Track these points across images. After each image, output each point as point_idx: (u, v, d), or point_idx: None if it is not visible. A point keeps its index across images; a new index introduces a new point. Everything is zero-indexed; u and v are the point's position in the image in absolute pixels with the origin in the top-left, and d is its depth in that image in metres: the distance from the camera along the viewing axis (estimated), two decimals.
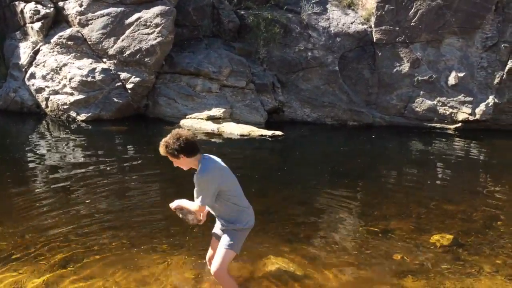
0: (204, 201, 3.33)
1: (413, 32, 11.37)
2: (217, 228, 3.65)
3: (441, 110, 11.24)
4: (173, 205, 3.54)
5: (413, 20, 11.32)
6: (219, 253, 3.45)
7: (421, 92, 11.38)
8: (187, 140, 3.28)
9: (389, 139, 10.59)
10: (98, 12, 10.61)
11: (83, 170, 6.87)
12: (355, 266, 4.15)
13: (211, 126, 9.81)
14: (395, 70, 11.51)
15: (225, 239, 3.46)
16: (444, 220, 5.39)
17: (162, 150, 3.31)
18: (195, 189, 3.34)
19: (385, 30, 11.49)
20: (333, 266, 4.14)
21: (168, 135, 3.31)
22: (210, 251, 3.77)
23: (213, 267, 3.44)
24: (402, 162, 8.79)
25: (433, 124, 11.32)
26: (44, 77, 10.48)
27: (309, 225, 5.16)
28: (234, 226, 3.46)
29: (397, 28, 11.43)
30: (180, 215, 3.54)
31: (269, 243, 4.56)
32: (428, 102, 11.31)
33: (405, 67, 11.46)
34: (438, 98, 11.26)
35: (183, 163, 3.34)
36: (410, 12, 11.32)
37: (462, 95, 11.12)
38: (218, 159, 3.50)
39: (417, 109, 11.39)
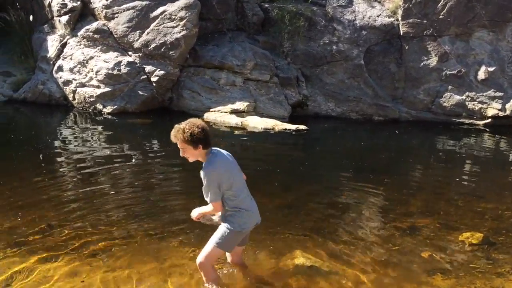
0: (213, 198, 3.26)
1: (441, 25, 11.10)
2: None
3: (470, 105, 10.96)
4: (194, 216, 3.46)
5: (442, 13, 11.05)
6: (207, 246, 3.41)
7: (449, 87, 11.12)
8: (208, 132, 3.24)
9: (415, 134, 10.39)
10: (124, 6, 10.69)
11: (108, 161, 6.96)
12: (382, 262, 4.09)
13: (234, 120, 9.80)
14: (422, 64, 11.27)
15: (216, 235, 3.40)
16: (474, 218, 5.27)
17: (179, 137, 3.18)
18: (203, 187, 3.28)
19: (413, 23, 11.25)
20: (359, 262, 4.08)
21: (187, 123, 3.20)
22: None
23: (199, 257, 3.42)
24: (429, 158, 8.63)
25: (461, 120, 11.04)
26: (71, 70, 10.63)
27: (334, 220, 5.11)
28: (228, 226, 3.37)
29: (425, 21, 11.18)
30: (207, 222, 3.52)
31: (294, 237, 4.53)
32: (457, 97, 11.04)
33: (433, 61, 11.21)
34: (467, 93, 10.98)
35: (196, 154, 3.26)
36: (439, 5, 11.05)
37: (492, 90, 10.82)
38: (226, 153, 3.44)
39: (445, 104, 11.14)
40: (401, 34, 11.38)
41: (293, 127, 9.40)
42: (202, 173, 3.25)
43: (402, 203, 5.71)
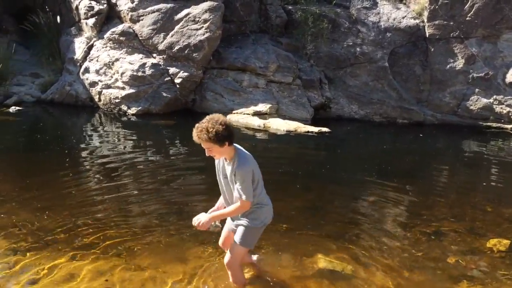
0: (249, 195, 3.16)
1: (468, 27, 10.90)
2: (229, 220, 3.56)
3: (497, 108, 10.72)
4: (204, 222, 3.27)
5: (469, 15, 10.85)
6: (232, 247, 3.41)
7: (476, 90, 10.90)
8: (231, 126, 3.15)
9: (440, 138, 10.22)
10: (149, 8, 10.83)
11: (132, 161, 7.06)
12: (406, 267, 4.02)
13: (257, 122, 9.81)
14: (448, 66, 11.08)
15: (238, 234, 3.36)
16: (501, 224, 5.14)
17: (203, 137, 3.06)
18: (237, 185, 3.16)
19: (439, 25, 11.07)
20: (382, 266, 4.02)
21: (209, 121, 3.08)
22: (222, 237, 3.71)
23: (226, 257, 3.44)
24: (454, 162, 8.46)
25: (488, 123, 10.80)
26: (97, 72, 10.83)
27: (356, 223, 5.05)
28: (249, 223, 3.32)
29: (451, 23, 10.99)
30: (215, 229, 3.45)
31: (316, 240, 4.49)
32: (484, 100, 10.81)
33: (460, 63, 11.01)
34: (494, 96, 10.74)
35: (222, 151, 3.14)
36: (466, 6, 10.85)
37: None
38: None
39: (471, 107, 10.91)
40: (427, 36, 11.21)
41: (315, 129, 9.36)
42: (238, 170, 3.13)
43: (427, 208, 5.61)
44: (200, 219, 3.30)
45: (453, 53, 11.07)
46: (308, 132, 9.31)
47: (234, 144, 3.24)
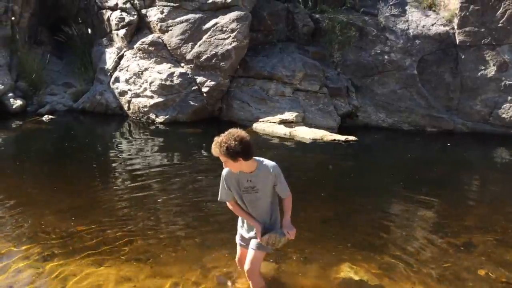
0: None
1: (500, 33, 10.64)
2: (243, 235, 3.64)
3: None
4: (294, 232, 3.49)
5: (501, 21, 10.59)
6: (250, 254, 3.47)
7: (509, 98, 10.59)
8: (247, 142, 3.22)
9: (471, 147, 9.97)
10: (178, 19, 11.02)
11: (159, 168, 7.16)
12: (435, 279, 3.93)
13: (283, 130, 9.81)
14: (479, 73, 10.82)
15: (256, 241, 3.45)
16: None
17: (217, 151, 3.25)
18: (278, 185, 3.38)
19: (470, 32, 10.85)
20: (410, 278, 3.94)
21: (225, 136, 3.23)
22: (238, 255, 3.79)
23: (246, 264, 3.49)
24: (485, 172, 8.23)
25: None
26: (127, 81, 11.07)
27: (384, 233, 4.98)
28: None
29: (482, 30, 10.76)
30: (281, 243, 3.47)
31: (341, 250, 4.45)
32: None
33: (491, 70, 10.74)
34: None
35: (237, 166, 3.27)
36: (498, 13, 10.60)
37: None
38: None
39: (504, 115, 10.62)
40: (457, 43, 11.00)
41: (342, 138, 9.28)
42: (275, 171, 3.36)
43: (456, 218, 5.48)
44: (288, 232, 3.44)
45: (484, 60, 10.82)
46: (334, 140, 9.25)
47: (256, 158, 3.36)
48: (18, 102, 10.55)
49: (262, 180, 3.34)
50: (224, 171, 3.45)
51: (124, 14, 11.43)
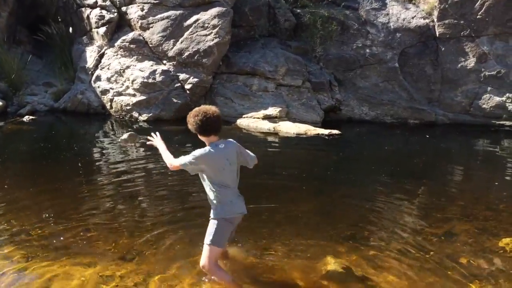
0: (181, 161, 3.51)
1: (479, 25, 10.80)
2: None
3: (510, 106, 10.58)
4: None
5: (480, 13, 10.75)
6: (203, 249, 3.47)
7: (489, 88, 10.78)
8: (204, 118, 3.41)
9: (452, 137, 10.12)
10: (159, 16, 10.95)
11: (144, 167, 7.11)
12: (417, 268, 3.98)
13: (267, 125, 9.83)
14: (459, 65, 10.98)
15: (206, 233, 3.48)
16: None
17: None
18: (247, 153, 3.62)
19: (449, 24, 10.99)
20: (393, 268, 3.99)
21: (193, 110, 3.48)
22: None
23: (201, 261, 3.48)
24: (467, 162, 8.37)
25: (501, 122, 10.67)
26: (108, 80, 10.97)
27: (366, 225, 5.02)
28: (214, 215, 3.51)
29: (462, 22, 10.91)
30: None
31: (326, 242, 4.48)
32: (496, 99, 10.68)
33: (471, 62, 10.91)
34: (507, 94, 10.61)
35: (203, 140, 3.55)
36: (476, 5, 10.76)
37: None
38: (225, 146, 3.51)
39: (484, 106, 10.80)
40: (437, 35, 11.14)
41: (326, 132, 9.34)
42: (237, 144, 3.67)
43: (438, 208, 5.56)
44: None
45: (464, 52, 10.98)
46: (318, 134, 9.30)
47: (221, 142, 3.53)
48: None
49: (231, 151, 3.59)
50: None
51: (104, 12, 11.32)
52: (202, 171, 3.49)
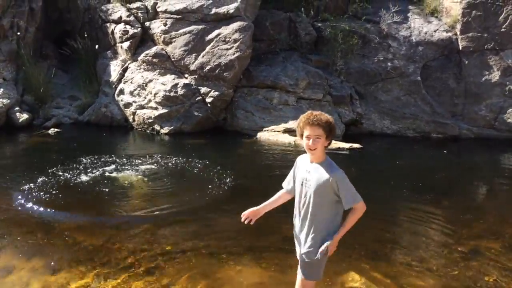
0: (359, 196, 2.95)
1: (503, 38, 10.65)
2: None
3: None
4: (334, 244, 3.03)
5: (504, 26, 10.61)
6: (297, 282, 3.07)
7: None
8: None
9: (477, 152, 9.92)
10: (181, 30, 11.11)
11: (165, 179, 7.16)
12: (442, 287, 3.90)
13: (287, 139, 9.82)
14: (484, 79, 10.81)
15: (315, 266, 3.01)
16: None
17: (322, 118, 2.95)
18: (343, 193, 2.97)
19: (472, 37, 10.87)
20: (417, 286, 3.92)
21: (318, 113, 2.98)
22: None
23: None
24: (492, 178, 8.18)
25: None
26: (131, 93, 11.15)
27: (390, 242, 4.95)
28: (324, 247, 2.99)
29: (485, 35, 10.77)
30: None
31: (349, 259, 4.42)
32: None
33: (495, 75, 10.73)
34: None
35: (322, 148, 2.94)
36: (500, 18, 10.62)
37: None
38: None
39: (509, 120, 10.58)
40: (460, 48, 11.01)
41: (346, 145, 9.27)
42: (333, 173, 2.92)
43: (463, 225, 5.45)
44: (327, 246, 3.03)
45: (488, 66, 10.81)
46: (339, 148, 9.24)
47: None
48: (24, 116, 10.64)
49: (317, 178, 2.94)
50: (300, 156, 3.11)
51: (128, 27, 11.54)
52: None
